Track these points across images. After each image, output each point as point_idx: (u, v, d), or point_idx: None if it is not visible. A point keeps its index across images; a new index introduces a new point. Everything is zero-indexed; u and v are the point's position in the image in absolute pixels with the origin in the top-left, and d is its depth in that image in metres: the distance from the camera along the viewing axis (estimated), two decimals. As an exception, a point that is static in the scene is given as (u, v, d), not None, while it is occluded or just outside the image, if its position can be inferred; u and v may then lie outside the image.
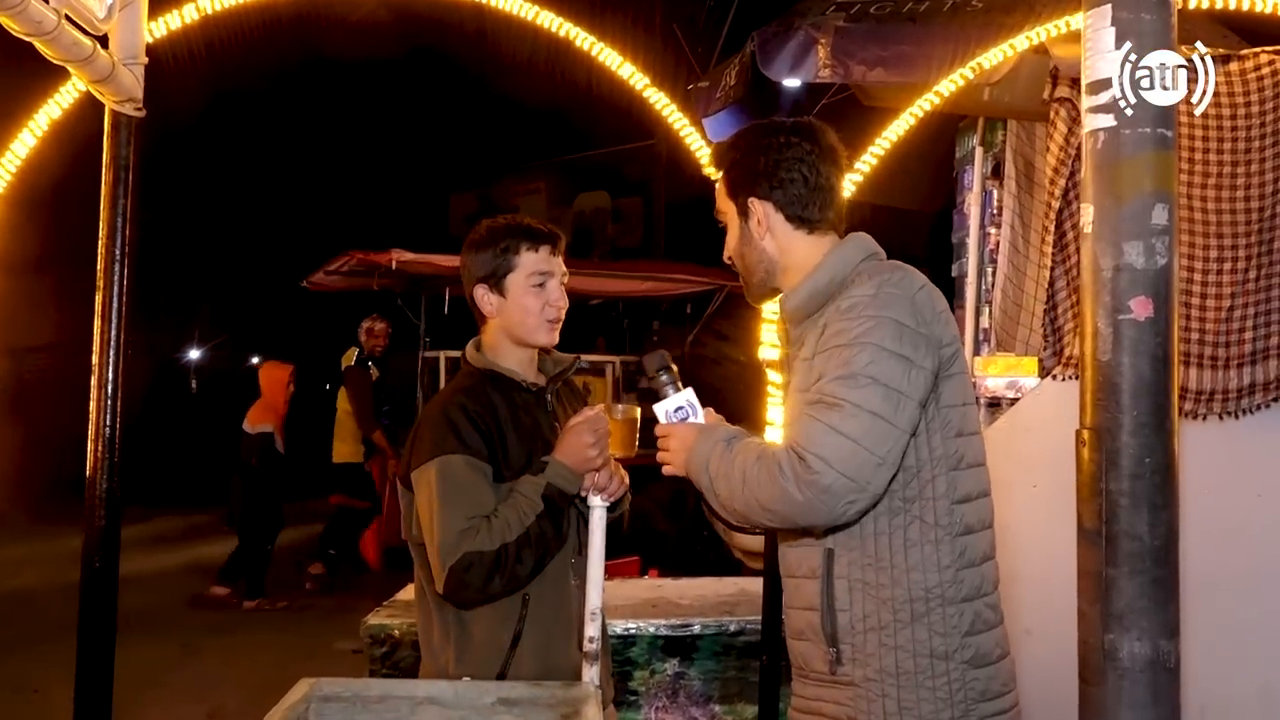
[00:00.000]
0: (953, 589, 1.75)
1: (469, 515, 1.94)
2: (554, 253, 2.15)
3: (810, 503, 1.60)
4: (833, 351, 1.67)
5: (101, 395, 2.38)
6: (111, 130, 2.40)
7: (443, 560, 1.92)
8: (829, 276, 1.80)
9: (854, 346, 1.64)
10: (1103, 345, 1.96)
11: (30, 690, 4.96)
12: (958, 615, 1.75)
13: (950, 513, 1.76)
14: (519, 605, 2.02)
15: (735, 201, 1.89)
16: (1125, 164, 1.94)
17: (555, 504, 1.98)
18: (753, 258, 1.89)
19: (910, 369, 1.65)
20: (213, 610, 6.91)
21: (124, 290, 2.42)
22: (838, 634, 1.74)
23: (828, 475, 1.58)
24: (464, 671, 1.98)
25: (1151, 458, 1.94)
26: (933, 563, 1.73)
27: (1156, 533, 1.94)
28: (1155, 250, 1.93)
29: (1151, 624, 1.95)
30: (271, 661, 5.42)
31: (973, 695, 1.75)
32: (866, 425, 1.60)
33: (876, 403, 1.61)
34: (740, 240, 1.90)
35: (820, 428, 1.60)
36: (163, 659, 5.64)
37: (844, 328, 1.67)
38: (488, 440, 2.02)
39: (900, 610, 1.72)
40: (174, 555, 8.45)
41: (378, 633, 2.70)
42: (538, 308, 2.10)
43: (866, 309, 1.67)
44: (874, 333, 1.65)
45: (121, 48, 2.42)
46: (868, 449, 1.60)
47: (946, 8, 3.21)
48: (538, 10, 2.61)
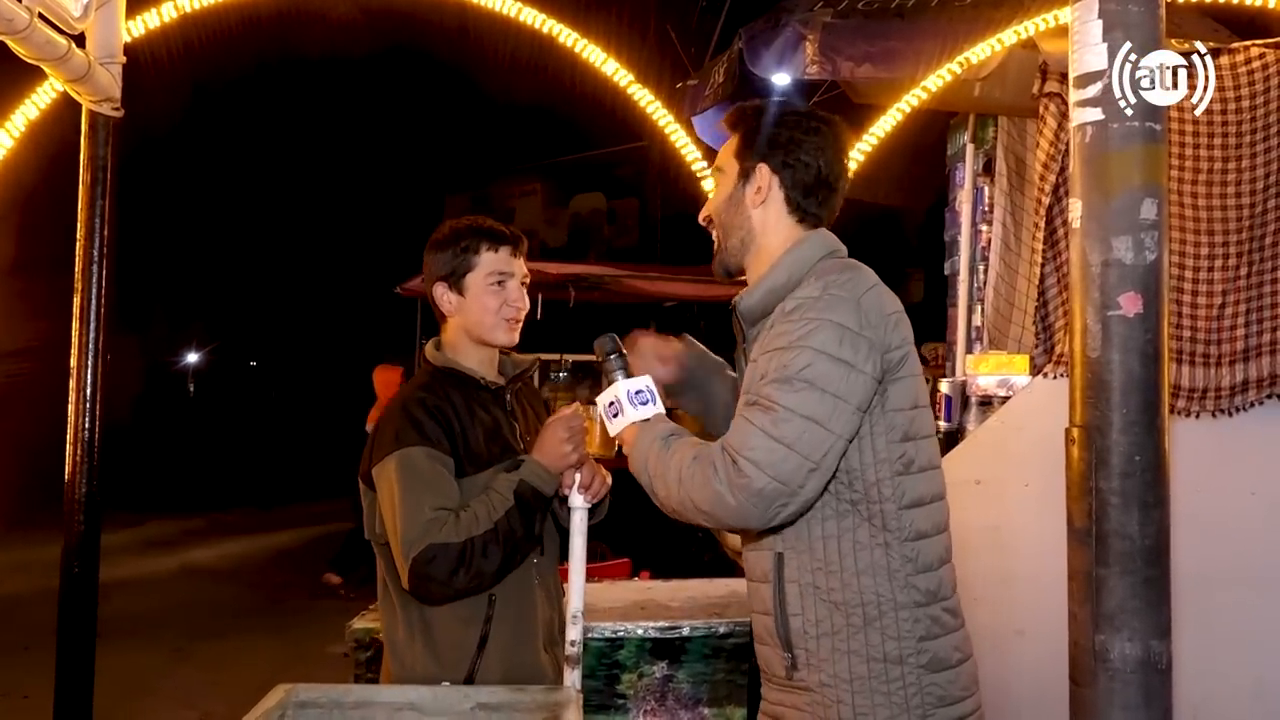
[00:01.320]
0: (904, 594, 1.72)
1: (433, 506, 1.93)
2: (514, 254, 2.15)
3: (741, 506, 1.59)
4: (774, 354, 1.65)
5: (80, 398, 2.36)
6: (89, 130, 2.38)
7: (405, 552, 1.90)
8: (786, 276, 1.77)
9: (793, 350, 1.62)
10: (1091, 342, 1.94)
11: (20, 696, 4.92)
12: (911, 620, 1.72)
13: (899, 517, 1.73)
14: (485, 606, 2.00)
15: (742, 162, 1.85)
16: (1113, 158, 1.92)
17: (528, 502, 1.96)
18: (735, 221, 1.86)
19: (850, 373, 1.63)
20: (204, 615, 6.88)
21: (102, 292, 2.39)
22: (791, 638, 1.73)
23: (759, 479, 1.57)
24: (429, 672, 1.97)
25: (1142, 456, 1.92)
26: (882, 567, 1.71)
27: (1147, 532, 1.92)
28: (1144, 245, 1.91)
29: (1143, 624, 1.93)
30: (263, 666, 5.39)
31: (930, 700, 1.72)
32: (799, 430, 1.58)
33: (811, 407, 1.59)
34: (728, 200, 1.86)
35: (753, 430, 1.59)
36: (153, 664, 5.61)
37: (786, 329, 1.65)
38: (448, 434, 2.02)
39: (852, 615, 1.70)
40: (165, 560, 8.41)
41: (363, 637, 2.66)
42: (496, 306, 2.11)
43: (809, 311, 1.65)
44: (814, 336, 1.62)
45: (99, 47, 2.40)
46: (800, 454, 1.58)
47: (934, 3, 3.18)
48: (520, 7, 2.58)
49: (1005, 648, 2.92)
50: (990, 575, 2.96)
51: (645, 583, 3.55)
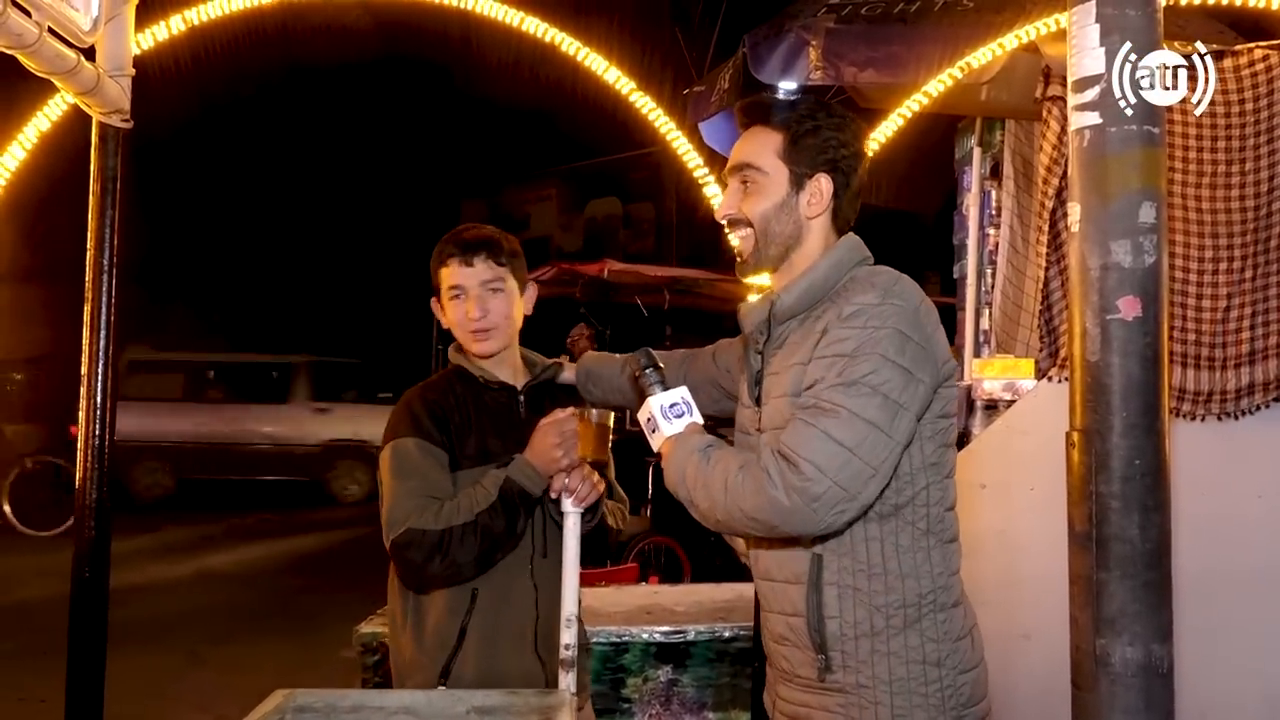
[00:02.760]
0: (944, 594, 1.74)
1: (418, 493, 2.02)
2: (466, 263, 2.16)
3: (798, 509, 1.56)
4: (833, 359, 1.63)
5: (91, 405, 2.38)
6: (99, 142, 2.40)
7: (387, 533, 2.01)
8: (824, 278, 1.77)
9: (857, 356, 1.61)
10: (1091, 345, 1.94)
11: (38, 700, 4.97)
12: (948, 620, 1.75)
13: (943, 519, 1.76)
14: (468, 599, 2.07)
15: (794, 166, 1.81)
16: (1112, 161, 1.92)
17: (513, 500, 2.01)
18: (785, 230, 1.82)
19: (910, 381, 1.63)
20: (219, 619, 6.93)
21: (112, 301, 2.42)
22: (826, 641, 1.71)
23: (820, 483, 1.55)
24: (415, 660, 2.07)
25: (1142, 459, 1.92)
26: (926, 569, 1.72)
27: (1148, 536, 1.92)
28: (1143, 249, 1.91)
29: (1144, 628, 1.93)
30: (276, 670, 5.43)
31: (961, 700, 1.75)
32: (862, 434, 1.57)
33: (874, 412, 1.58)
34: (778, 208, 1.82)
35: (815, 433, 1.57)
36: (167, 668, 5.65)
37: (845, 335, 1.64)
38: (443, 427, 2.10)
39: (893, 617, 1.70)
40: (181, 565, 8.46)
41: (369, 641, 2.69)
42: (458, 319, 2.18)
43: (872, 318, 1.64)
44: (879, 342, 1.62)
45: (108, 59, 2.42)
46: (862, 458, 1.57)
47: (937, 8, 3.18)
48: (522, 16, 2.61)
49: (1011, 651, 2.91)
50: (996, 579, 2.95)
51: (652, 587, 3.57)
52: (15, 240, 8.16)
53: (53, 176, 3.02)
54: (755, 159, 1.83)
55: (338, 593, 7.51)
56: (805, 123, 1.81)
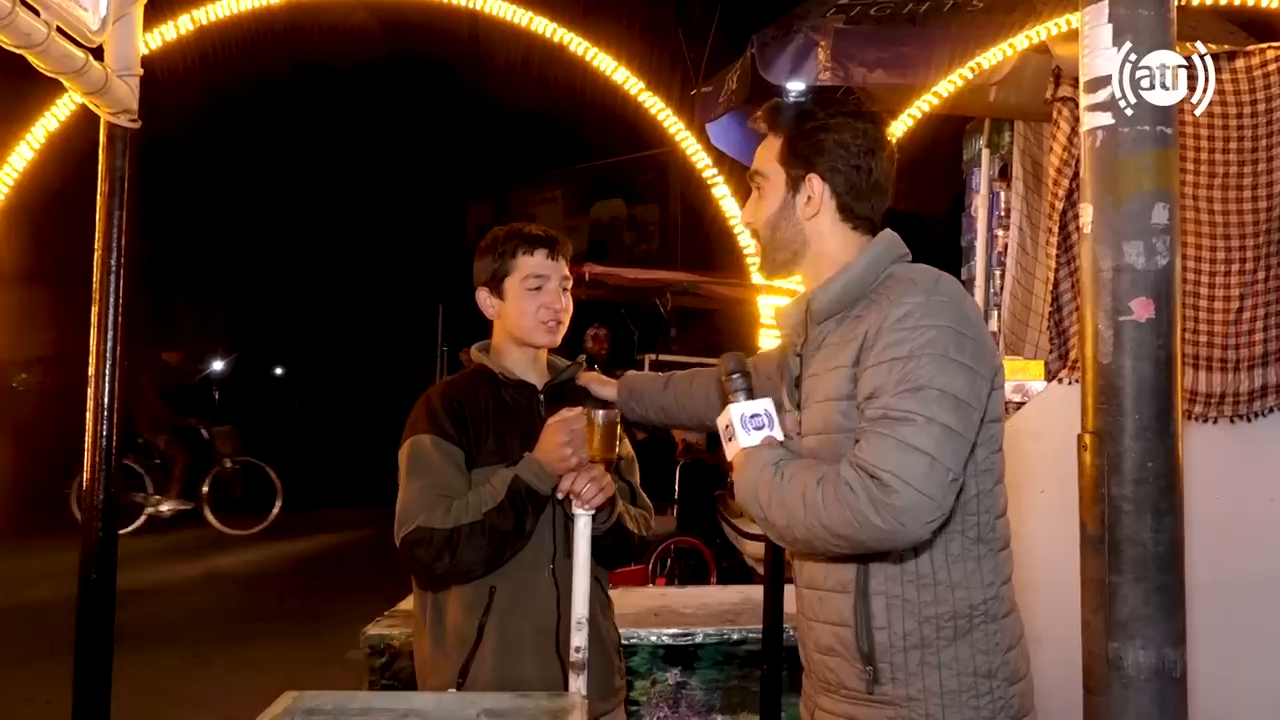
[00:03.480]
0: (995, 605, 1.70)
1: (430, 491, 2.03)
2: (551, 256, 2.21)
3: (888, 525, 1.50)
4: (891, 364, 1.57)
5: (98, 407, 2.38)
6: (107, 142, 2.40)
7: (397, 530, 2.02)
8: (861, 275, 1.71)
9: (916, 358, 1.55)
10: (1103, 347, 1.93)
11: (43, 701, 4.98)
12: (999, 632, 1.70)
13: (994, 527, 1.73)
14: (485, 597, 2.07)
15: (789, 170, 1.77)
16: (1124, 162, 1.91)
17: (520, 498, 2.02)
18: (786, 235, 1.79)
19: (974, 378, 1.59)
20: (226, 620, 6.93)
21: (120, 302, 2.41)
22: (875, 652, 1.65)
23: (906, 494, 1.48)
24: (434, 659, 2.08)
25: (1154, 462, 1.91)
26: (976, 579, 1.68)
27: (1160, 539, 1.91)
28: (1156, 250, 1.90)
29: (1157, 632, 1.91)
30: (282, 672, 5.42)
31: (1011, 713, 1.71)
32: (940, 438, 1.52)
33: (947, 414, 1.53)
34: (778, 213, 1.79)
35: (892, 443, 1.51)
36: (174, 669, 5.65)
37: (900, 338, 1.58)
38: (460, 425, 2.11)
39: (944, 628, 1.65)
40: (188, 566, 8.47)
41: (377, 643, 2.69)
42: (533, 309, 2.18)
43: (922, 318, 1.58)
44: (936, 342, 1.56)
45: (116, 59, 2.42)
46: (943, 464, 1.51)
47: (947, 8, 3.17)
48: (531, 16, 2.60)
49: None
50: (1006, 583, 2.94)
51: (660, 589, 3.56)
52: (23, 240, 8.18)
53: (61, 177, 3.02)
54: (760, 164, 1.82)
55: (342, 594, 7.53)
56: (803, 123, 1.77)
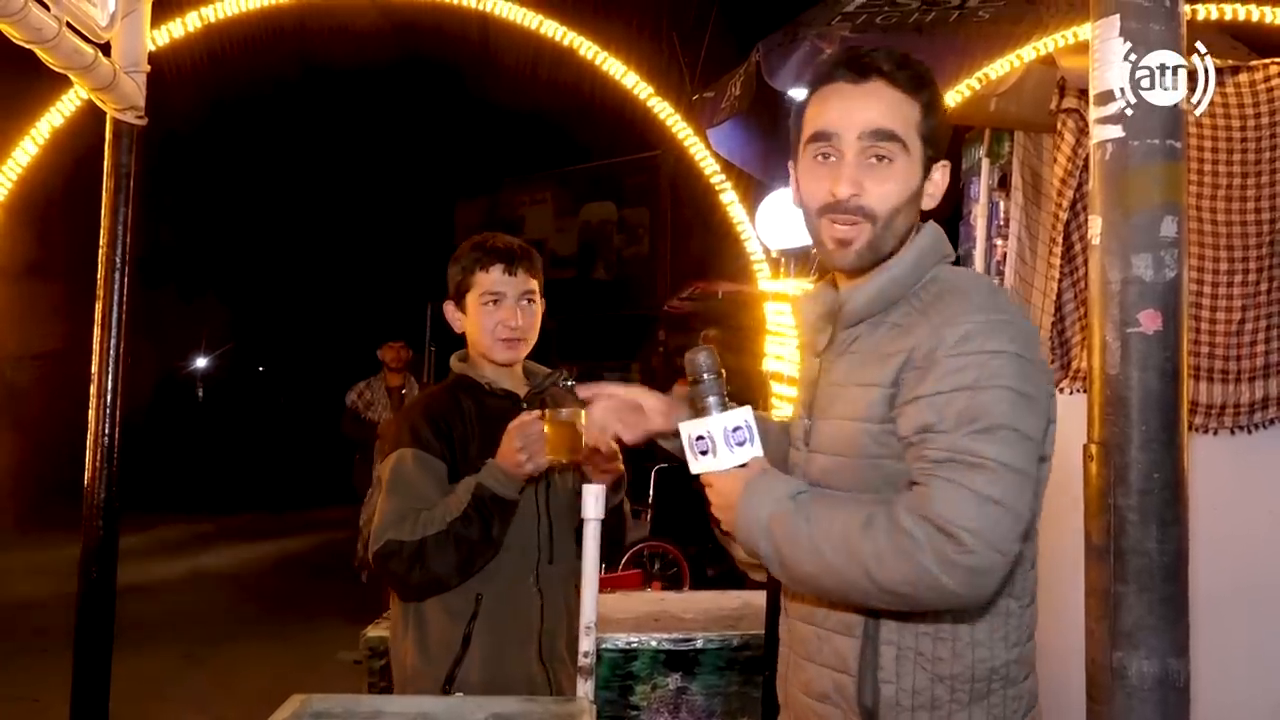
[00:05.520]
0: (1016, 669, 1.53)
1: (404, 506, 2.03)
2: (509, 271, 2.19)
3: (959, 588, 1.33)
4: (951, 396, 1.37)
5: (100, 404, 2.37)
6: (113, 138, 2.39)
7: (370, 545, 2.03)
8: (906, 274, 1.51)
9: (982, 390, 1.37)
10: (1111, 359, 1.93)
11: (31, 699, 4.95)
12: (1017, 698, 1.54)
13: (1025, 579, 1.56)
14: (472, 604, 2.08)
15: (929, 150, 1.52)
16: (1133, 175, 1.92)
17: (485, 505, 2.02)
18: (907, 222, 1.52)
19: (1036, 409, 1.43)
20: (214, 620, 6.90)
21: (124, 299, 2.41)
22: (879, 708, 1.47)
23: (983, 554, 1.32)
24: (417, 668, 2.07)
25: (1160, 473, 1.92)
26: (1000, 637, 1.50)
27: (1165, 549, 1.92)
28: (1164, 263, 1.91)
29: (1160, 642, 1.92)
30: (273, 672, 5.42)
31: None
32: (1016, 486, 1.36)
33: (1017, 456, 1.37)
34: (912, 195, 1.51)
35: (964, 494, 1.32)
36: (164, 669, 5.63)
37: (961, 365, 1.38)
38: (445, 438, 2.11)
39: (958, 689, 1.47)
40: (175, 564, 8.43)
41: (377, 645, 2.68)
42: (490, 326, 2.18)
43: (985, 341, 1.39)
44: (1003, 372, 1.38)
45: (124, 55, 2.41)
46: (1015, 512, 1.35)
47: (953, 18, 3.19)
48: (541, 20, 2.61)
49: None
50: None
51: (658, 594, 3.56)
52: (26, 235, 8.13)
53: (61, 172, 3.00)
54: (898, 127, 1.47)
55: (332, 594, 7.50)
56: (938, 98, 1.52)
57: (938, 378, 1.39)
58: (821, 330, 1.60)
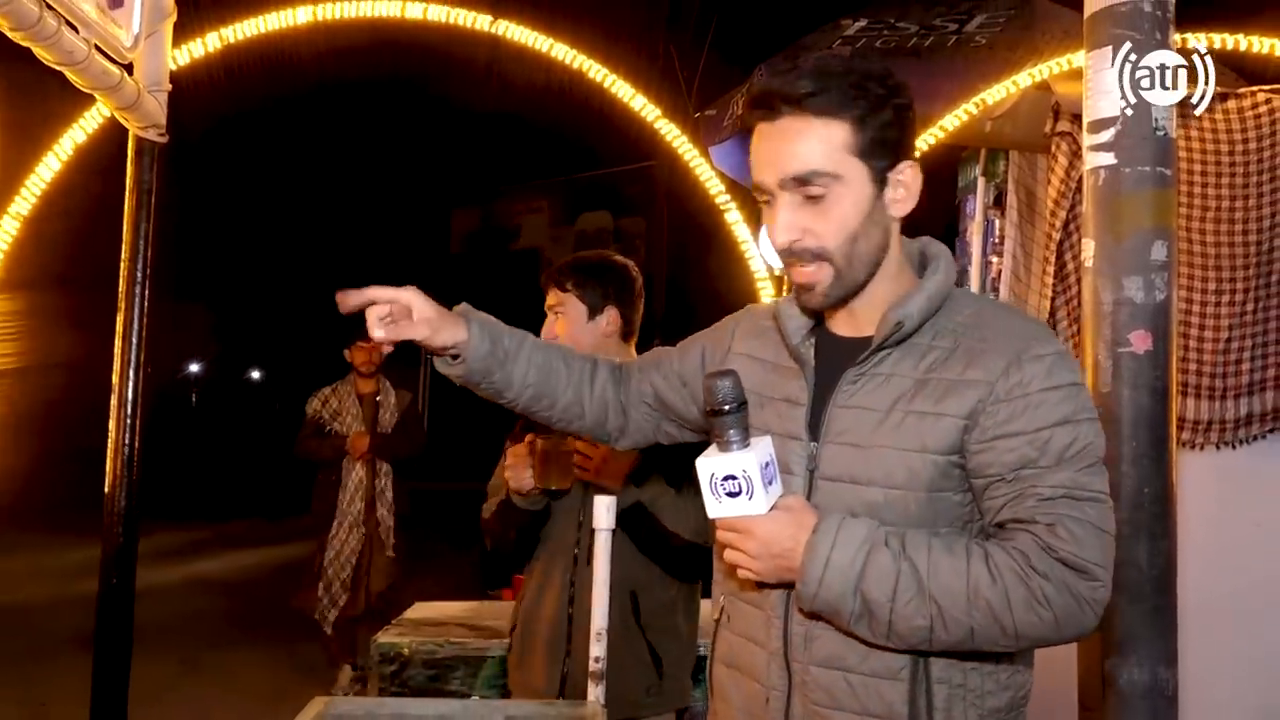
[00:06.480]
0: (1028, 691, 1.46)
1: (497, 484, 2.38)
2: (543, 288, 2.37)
3: (1095, 620, 1.31)
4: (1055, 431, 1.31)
5: (121, 414, 2.42)
6: (135, 155, 2.45)
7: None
8: (936, 294, 1.41)
9: (1079, 423, 1.33)
10: (1102, 377, 2.02)
11: (37, 704, 4.97)
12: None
13: None
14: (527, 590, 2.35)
15: (872, 160, 1.36)
16: (1125, 201, 2.00)
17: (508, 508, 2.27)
18: (874, 244, 1.40)
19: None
20: (211, 626, 6.92)
21: (144, 311, 2.46)
22: None
23: (1108, 585, 1.31)
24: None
25: (1150, 488, 2.00)
26: (1029, 663, 1.45)
27: (1155, 562, 2.00)
28: (1155, 285, 1.99)
29: (1151, 652, 2.00)
30: (270, 679, 5.43)
31: None
32: (1112, 514, 1.35)
33: (1107, 484, 1.36)
34: (866, 218, 1.38)
35: (1092, 531, 1.30)
36: (162, 675, 5.63)
37: (1057, 399, 1.32)
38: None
39: None
40: (171, 571, 8.44)
41: (387, 651, 2.73)
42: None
43: (1066, 374, 1.35)
44: (1087, 404, 1.36)
45: (146, 75, 2.47)
46: (1113, 541, 1.34)
47: (951, 43, 3.27)
48: (551, 43, 2.68)
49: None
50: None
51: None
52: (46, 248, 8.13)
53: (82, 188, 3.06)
54: (820, 162, 1.35)
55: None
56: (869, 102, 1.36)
57: (1038, 412, 1.32)
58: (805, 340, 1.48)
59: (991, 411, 1.33)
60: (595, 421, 1.70)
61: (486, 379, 1.59)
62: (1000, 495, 1.34)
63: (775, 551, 1.34)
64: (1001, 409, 1.33)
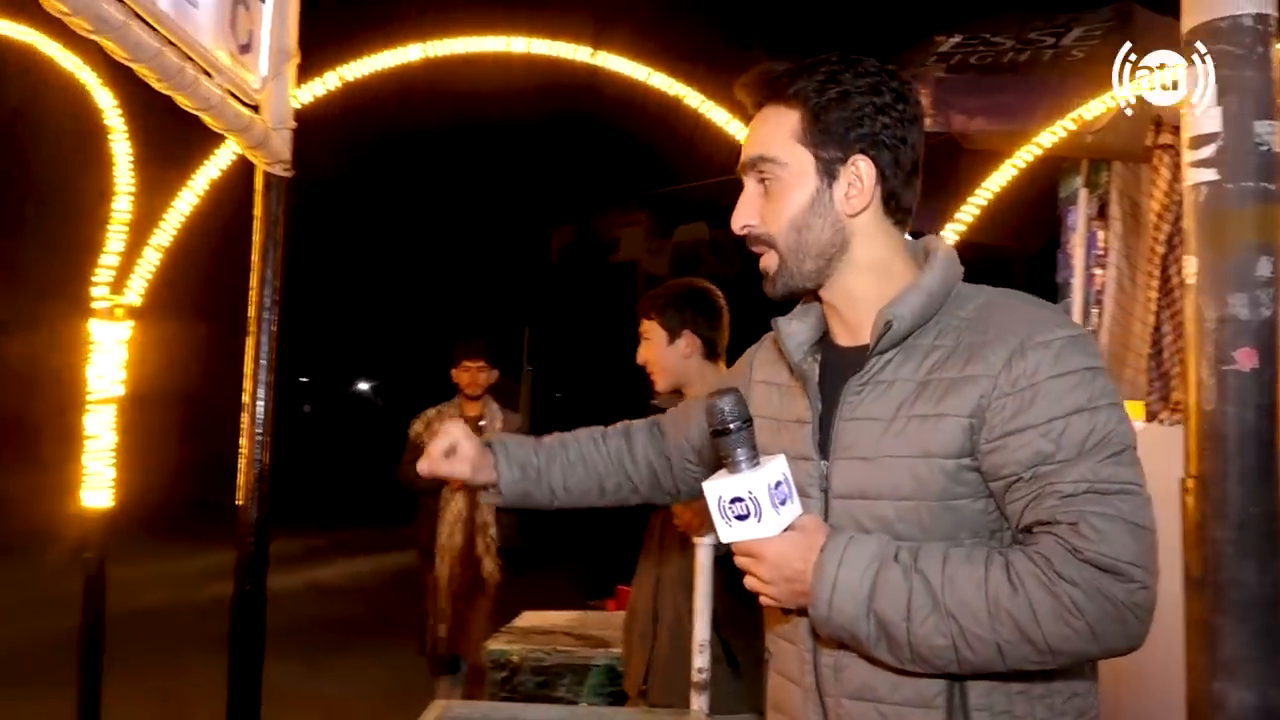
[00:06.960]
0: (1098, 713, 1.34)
1: None
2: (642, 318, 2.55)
3: (1142, 626, 1.18)
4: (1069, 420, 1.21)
5: (253, 430, 2.59)
6: (263, 189, 2.61)
7: None
8: (937, 293, 1.33)
9: (1098, 410, 1.22)
10: (1207, 395, 1.99)
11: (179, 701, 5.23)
12: None
13: None
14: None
15: (819, 151, 1.34)
16: (1229, 217, 1.98)
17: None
18: (822, 237, 1.36)
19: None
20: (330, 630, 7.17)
21: (273, 334, 2.63)
22: None
23: (1152, 585, 1.18)
24: None
25: (1257, 507, 1.96)
26: (1091, 682, 1.33)
27: (1264, 581, 1.96)
28: (1260, 302, 1.96)
29: (1260, 673, 1.96)
30: (392, 680, 5.59)
31: None
32: (1149, 506, 1.22)
33: (1141, 474, 1.23)
34: (808, 209, 1.35)
35: (1120, 525, 1.17)
36: (286, 676, 5.84)
37: (1069, 386, 1.22)
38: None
39: None
40: (291, 577, 8.78)
41: (498, 658, 2.82)
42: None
43: (1081, 359, 1.25)
44: (1107, 388, 1.25)
45: (272, 114, 2.63)
46: (1155, 535, 1.21)
47: (1047, 58, 3.24)
48: (650, 72, 2.77)
49: (1123, 693, 2.91)
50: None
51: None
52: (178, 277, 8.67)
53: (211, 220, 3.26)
54: (765, 148, 1.37)
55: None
56: (827, 90, 1.34)
57: (1048, 402, 1.22)
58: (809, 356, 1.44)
59: (998, 407, 1.23)
60: (650, 488, 1.70)
61: (526, 500, 1.64)
62: (1021, 497, 1.23)
63: (787, 574, 1.27)
64: (1008, 403, 1.23)
